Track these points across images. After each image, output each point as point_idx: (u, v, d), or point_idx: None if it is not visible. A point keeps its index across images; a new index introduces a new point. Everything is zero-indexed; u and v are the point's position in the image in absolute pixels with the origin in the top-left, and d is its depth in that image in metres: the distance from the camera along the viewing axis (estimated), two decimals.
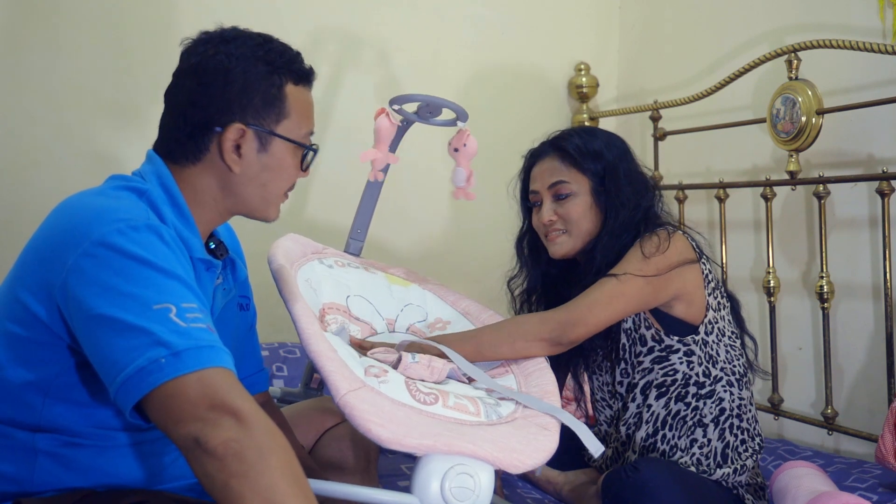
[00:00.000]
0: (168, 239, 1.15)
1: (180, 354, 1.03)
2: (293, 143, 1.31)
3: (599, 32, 3.09)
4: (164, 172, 1.28)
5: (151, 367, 1.02)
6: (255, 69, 1.27)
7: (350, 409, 1.14)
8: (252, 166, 1.28)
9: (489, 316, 1.70)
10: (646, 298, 1.60)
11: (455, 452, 1.16)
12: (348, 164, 2.53)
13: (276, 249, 1.53)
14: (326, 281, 1.59)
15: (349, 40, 2.71)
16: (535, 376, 1.50)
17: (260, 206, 1.33)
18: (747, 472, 1.63)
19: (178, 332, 1.04)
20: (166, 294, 1.07)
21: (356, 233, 1.95)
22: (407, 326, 1.62)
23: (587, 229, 1.69)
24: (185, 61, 1.30)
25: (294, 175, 1.34)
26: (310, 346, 1.24)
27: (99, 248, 1.09)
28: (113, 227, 1.11)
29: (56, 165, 2.35)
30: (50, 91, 2.34)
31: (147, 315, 1.05)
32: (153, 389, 1.02)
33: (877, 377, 2.11)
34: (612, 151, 1.72)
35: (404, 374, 1.33)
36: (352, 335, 1.52)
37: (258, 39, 1.31)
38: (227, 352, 1.08)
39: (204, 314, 1.10)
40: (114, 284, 1.07)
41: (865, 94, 2.14)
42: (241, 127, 1.26)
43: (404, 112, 1.84)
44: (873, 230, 2.14)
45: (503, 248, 1.89)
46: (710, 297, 1.65)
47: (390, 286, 1.69)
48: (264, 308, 2.59)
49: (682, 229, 1.71)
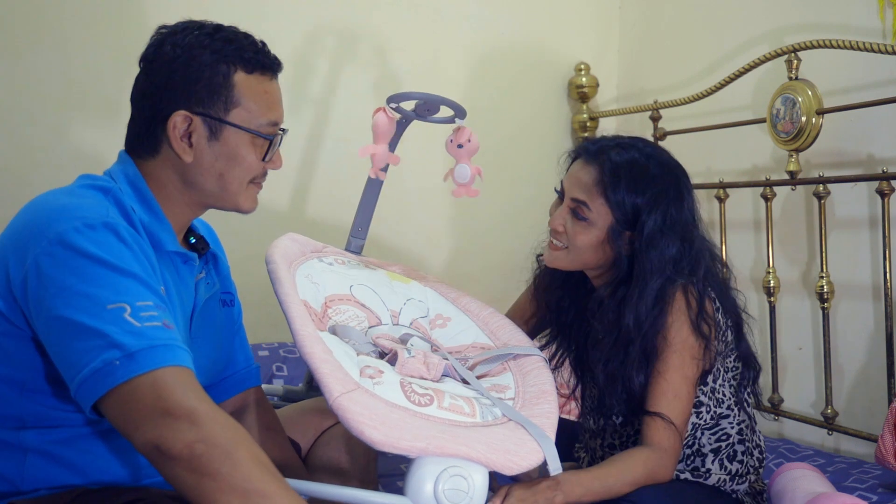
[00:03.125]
0: (126, 236, 1.16)
1: (134, 356, 1.05)
2: (248, 132, 1.30)
3: (599, 32, 3.08)
4: (131, 170, 1.30)
5: (106, 370, 1.04)
6: (200, 58, 1.27)
7: (343, 412, 1.14)
8: (205, 155, 1.29)
9: (489, 314, 1.68)
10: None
11: (448, 455, 1.16)
12: (348, 163, 2.53)
13: (273, 249, 1.51)
14: (328, 275, 1.58)
15: (348, 40, 2.70)
16: (533, 375, 1.49)
17: (222, 195, 1.32)
18: (747, 481, 1.59)
19: (133, 333, 1.06)
20: (121, 293, 1.09)
21: (357, 231, 1.94)
22: (410, 321, 1.60)
23: (588, 259, 1.55)
24: (141, 56, 1.32)
25: (255, 165, 1.32)
26: (303, 348, 1.24)
27: (56, 247, 1.11)
28: (70, 224, 1.13)
29: (56, 165, 2.35)
30: (50, 91, 2.35)
31: (101, 316, 1.07)
32: (108, 391, 1.04)
33: (877, 377, 2.11)
34: (655, 197, 1.50)
35: (401, 371, 1.33)
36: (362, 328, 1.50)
37: (208, 29, 1.31)
38: (184, 349, 1.10)
39: (161, 311, 1.11)
40: (69, 284, 1.09)
41: (865, 94, 2.14)
42: (186, 114, 1.27)
43: (402, 110, 1.83)
44: (873, 230, 2.14)
45: (504, 248, 1.88)
46: (720, 343, 1.54)
47: (391, 282, 1.68)
48: (264, 308, 2.60)
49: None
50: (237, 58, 1.29)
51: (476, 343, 1.61)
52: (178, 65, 1.27)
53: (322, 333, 1.32)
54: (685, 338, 1.48)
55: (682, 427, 1.47)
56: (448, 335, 1.62)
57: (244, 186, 1.33)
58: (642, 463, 1.42)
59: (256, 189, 1.36)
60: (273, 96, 1.33)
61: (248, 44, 1.31)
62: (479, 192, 1.89)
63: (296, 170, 2.63)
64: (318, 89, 2.66)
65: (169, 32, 1.31)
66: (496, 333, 1.64)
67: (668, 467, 1.45)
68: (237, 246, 2.56)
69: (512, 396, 1.42)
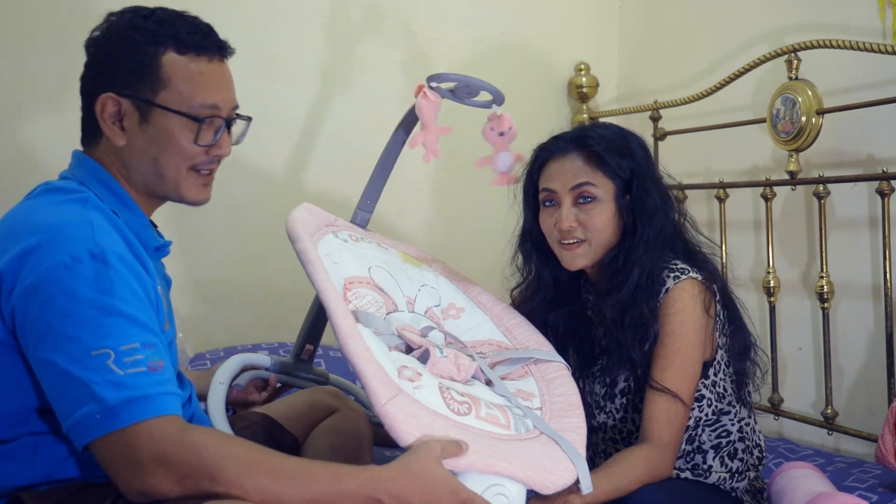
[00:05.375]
0: (114, 261, 1.14)
1: (112, 410, 1.06)
2: (177, 115, 1.25)
3: (599, 32, 3.08)
4: (95, 168, 1.29)
5: (86, 423, 1.07)
6: (131, 39, 1.25)
7: (391, 420, 1.13)
8: (137, 138, 1.27)
9: (502, 309, 1.65)
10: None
11: (493, 472, 1.15)
12: (347, 159, 2.53)
13: (294, 224, 1.41)
14: (345, 254, 1.52)
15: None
16: (557, 384, 1.47)
17: (161, 183, 1.29)
18: (746, 479, 1.60)
19: (114, 384, 1.07)
20: (105, 336, 1.09)
21: (365, 203, 1.88)
22: (425, 309, 1.56)
23: (608, 240, 1.57)
24: (85, 41, 1.31)
25: (190, 149, 1.27)
26: (347, 346, 1.20)
27: (45, 283, 1.10)
28: (57, 258, 1.11)
29: (56, 165, 2.33)
30: (50, 91, 2.34)
31: (85, 363, 1.07)
32: (90, 442, 1.08)
33: (877, 377, 2.11)
34: (638, 153, 1.59)
35: (432, 370, 1.31)
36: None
37: (144, 12, 1.28)
38: (168, 392, 1.11)
39: (150, 350, 1.11)
40: (56, 326, 1.09)
41: (865, 94, 2.14)
42: (111, 96, 1.25)
43: (441, 90, 1.79)
44: (873, 230, 2.14)
45: (504, 248, 1.87)
46: (719, 335, 1.57)
47: (404, 265, 1.63)
48: (264, 308, 2.61)
49: (702, 252, 1.62)
50: (168, 38, 1.26)
51: (492, 340, 1.59)
52: (109, 48, 1.26)
53: (357, 326, 1.28)
54: (698, 316, 1.50)
55: (688, 400, 1.48)
56: (462, 328, 1.58)
57: (182, 173, 1.29)
58: (644, 459, 1.43)
59: (201, 178, 1.32)
60: (209, 78, 1.28)
61: (183, 25, 1.27)
62: (516, 178, 1.80)
63: (292, 167, 2.63)
64: (313, 89, 2.66)
65: (106, 17, 1.30)
66: (512, 332, 1.61)
67: (669, 462, 1.46)
68: (236, 247, 2.57)
69: (539, 406, 1.40)
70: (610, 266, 1.58)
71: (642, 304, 1.52)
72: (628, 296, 1.53)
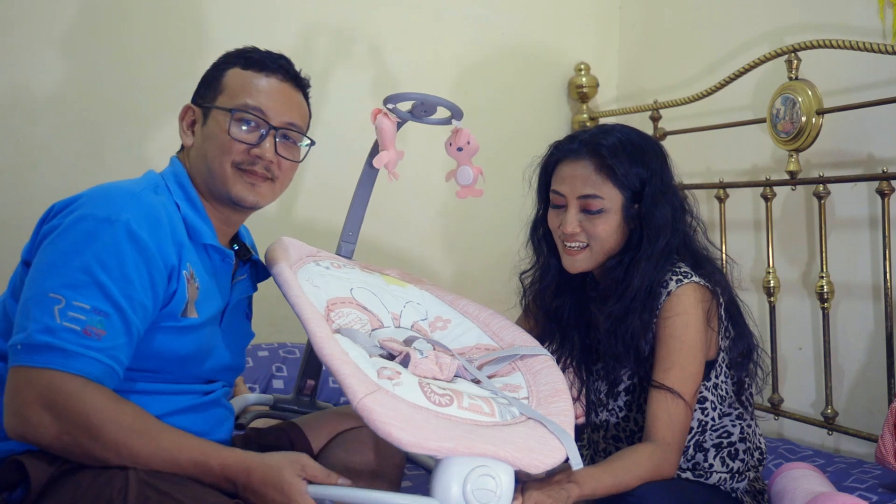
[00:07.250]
0: (121, 233, 1.23)
1: (31, 348, 1.16)
2: (220, 110, 1.39)
3: (599, 32, 3.09)
4: (177, 167, 1.43)
5: (12, 349, 1.18)
6: (216, 63, 1.46)
7: (368, 413, 1.13)
8: (198, 138, 1.42)
9: (489, 315, 1.67)
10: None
11: (476, 454, 1.16)
12: (342, 164, 2.52)
13: (273, 253, 1.50)
14: (327, 278, 1.57)
15: (346, 40, 2.70)
16: (544, 374, 1.48)
17: (213, 181, 1.39)
18: (746, 479, 1.60)
19: (47, 328, 1.16)
20: (67, 287, 1.18)
21: (347, 235, 1.92)
22: (411, 323, 1.60)
23: (611, 247, 1.57)
24: None
25: (225, 141, 1.38)
26: (322, 349, 1.23)
27: (63, 227, 1.24)
28: (82, 213, 1.24)
29: (56, 165, 2.35)
30: (50, 91, 2.35)
31: (39, 299, 1.18)
32: (10, 368, 1.18)
33: (877, 377, 2.11)
34: (653, 162, 1.56)
35: (415, 371, 1.32)
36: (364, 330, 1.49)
37: (241, 48, 1.47)
38: (92, 358, 1.17)
39: (101, 319, 1.18)
40: (45, 258, 1.22)
41: (865, 94, 2.14)
42: (189, 106, 1.45)
43: (398, 111, 1.82)
44: (873, 230, 2.14)
45: (504, 248, 1.88)
46: (721, 338, 1.57)
47: (388, 286, 1.67)
48: (264, 308, 2.59)
49: (709, 258, 1.61)
50: (239, 58, 1.44)
51: (479, 344, 1.60)
52: (205, 72, 1.47)
53: (336, 335, 1.31)
54: (699, 319, 1.50)
55: (690, 400, 1.48)
56: (449, 337, 1.61)
57: (227, 169, 1.39)
58: (648, 457, 1.44)
59: (247, 176, 1.40)
60: (260, 87, 1.41)
61: (259, 52, 1.45)
62: (482, 191, 1.88)
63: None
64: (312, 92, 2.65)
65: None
66: (499, 334, 1.63)
67: (672, 462, 1.47)
68: None
69: (525, 396, 1.41)
70: (612, 273, 1.58)
71: (635, 318, 1.52)
72: (622, 309, 1.54)
